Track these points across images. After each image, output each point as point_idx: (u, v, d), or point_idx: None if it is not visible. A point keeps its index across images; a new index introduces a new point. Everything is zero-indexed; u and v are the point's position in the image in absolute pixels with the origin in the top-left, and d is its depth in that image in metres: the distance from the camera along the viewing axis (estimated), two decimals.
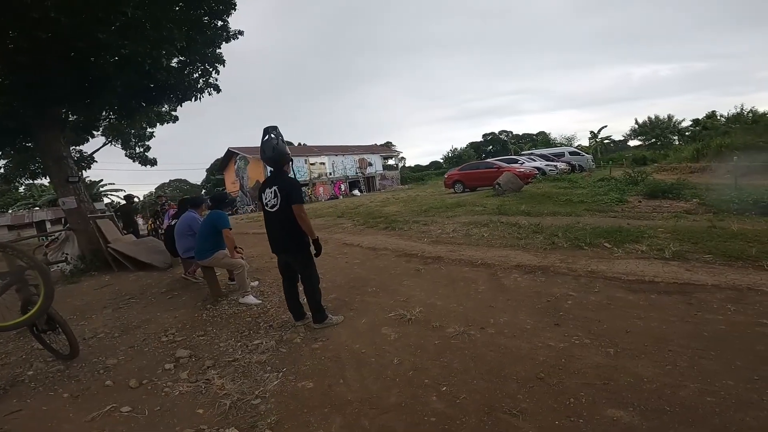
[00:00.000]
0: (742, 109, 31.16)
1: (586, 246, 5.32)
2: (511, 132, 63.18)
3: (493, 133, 63.06)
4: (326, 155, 37.34)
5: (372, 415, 2.35)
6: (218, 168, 39.35)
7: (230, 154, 36.31)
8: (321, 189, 35.58)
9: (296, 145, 51.82)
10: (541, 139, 53.82)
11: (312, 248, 3.65)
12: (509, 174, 13.21)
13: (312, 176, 35.56)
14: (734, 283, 3.64)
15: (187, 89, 9.59)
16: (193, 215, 5.68)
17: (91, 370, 3.36)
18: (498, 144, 58.79)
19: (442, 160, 58.78)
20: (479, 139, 62.77)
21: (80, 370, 3.40)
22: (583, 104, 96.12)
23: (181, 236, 5.66)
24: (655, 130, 40.75)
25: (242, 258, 5.20)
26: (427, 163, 64.69)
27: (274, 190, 3.52)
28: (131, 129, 13.31)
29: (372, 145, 48.80)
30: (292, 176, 3.69)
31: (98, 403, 2.81)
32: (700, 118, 37.39)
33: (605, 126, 43.19)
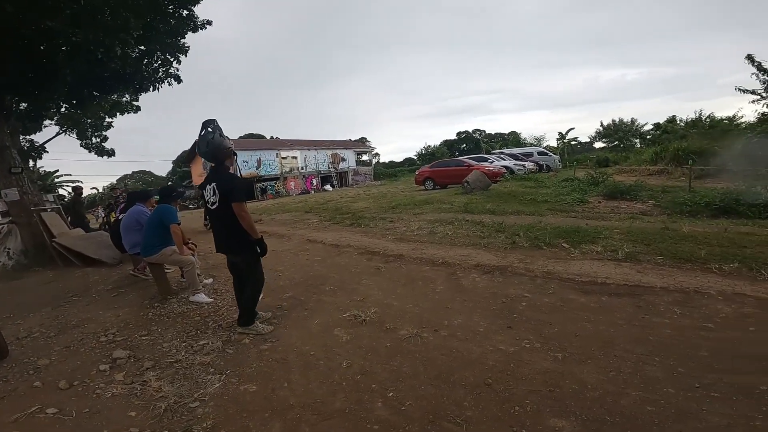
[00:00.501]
0: (700, 114, 32.66)
1: (545, 246, 5.37)
2: (485, 131, 64.05)
3: (467, 132, 63.73)
4: (299, 149, 36.68)
5: (313, 422, 2.26)
6: (185, 160, 37.88)
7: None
8: (292, 183, 34.95)
9: (268, 138, 50.79)
10: (512, 139, 54.87)
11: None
12: (478, 172, 13.32)
13: (283, 170, 34.87)
14: (682, 286, 3.72)
15: (145, 79, 9.18)
16: (141, 209, 5.40)
17: (20, 371, 3.16)
18: (471, 142, 59.44)
19: (415, 157, 58.94)
20: (453, 137, 63.27)
21: (9, 370, 3.19)
22: (554, 105, 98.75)
23: (128, 231, 5.37)
24: (618, 133, 42.32)
25: (194, 254, 4.97)
26: (401, 159, 64.81)
27: (213, 186, 3.33)
28: (88, 119, 12.67)
29: (346, 141, 48.39)
30: (237, 171, 3.52)
31: (24, 404, 2.65)
32: (661, 122, 39.10)
33: (572, 128, 44.79)
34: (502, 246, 5.62)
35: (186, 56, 9.41)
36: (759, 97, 16.38)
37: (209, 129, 3.28)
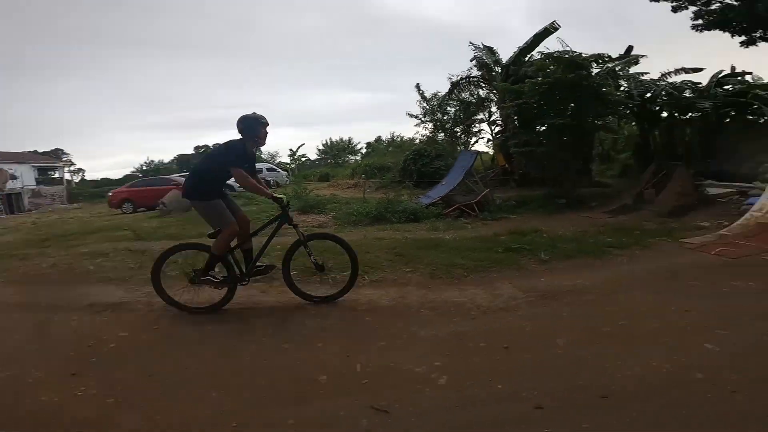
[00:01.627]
0: (392, 135, 41.48)
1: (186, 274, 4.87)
2: None
3: (206, 146, 58.95)
4: None
5: None
6: None
7: None
8: None
9: None
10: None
11: None
12: (176, 192, 11.96)
13: None
14: (288, 303, 3.90)
15: None
16: None
17: None
18: None
19: (140, 174, 50.44)
20: (191, 151, 57.59)
21: None
22: (300, 123, 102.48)
23: None
24: (334, 150, 48.57)
25: None
26: (121, 175, 54.00)
27: None
28: None
29: (25, 152, 36.29)
30: None
31: None
32: (371, 141, 47.36)
33: (303, 144, 48.23)
34: (143, 278, 4.80)
35: None
36: (419, 121, 21.79)
37: None
